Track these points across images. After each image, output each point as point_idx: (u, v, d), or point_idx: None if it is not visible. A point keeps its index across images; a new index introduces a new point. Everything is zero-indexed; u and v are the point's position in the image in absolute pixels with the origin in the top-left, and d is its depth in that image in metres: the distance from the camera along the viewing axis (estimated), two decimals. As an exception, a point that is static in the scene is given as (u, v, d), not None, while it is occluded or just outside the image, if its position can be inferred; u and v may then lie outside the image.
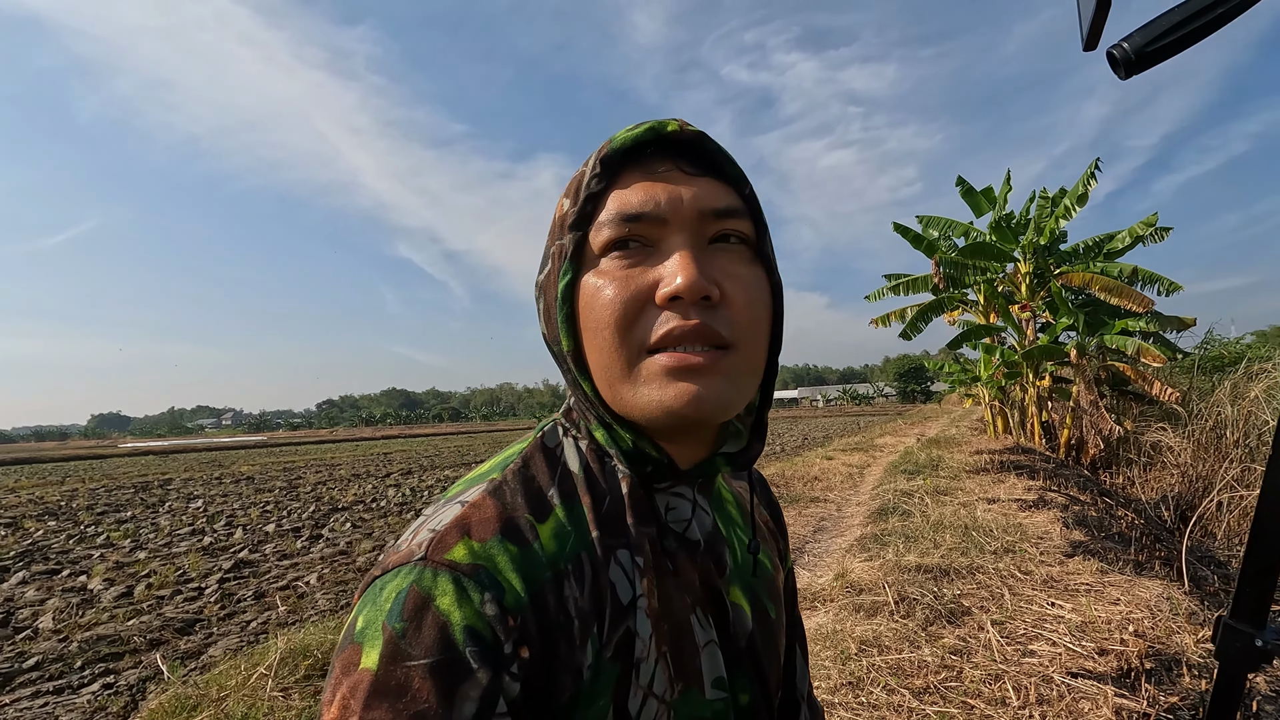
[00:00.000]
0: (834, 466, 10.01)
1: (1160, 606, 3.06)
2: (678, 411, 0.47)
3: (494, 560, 0.44)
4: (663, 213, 0.48)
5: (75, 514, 11.15)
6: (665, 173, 0.50)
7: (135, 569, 6.74)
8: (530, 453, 0.54)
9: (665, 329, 0.47)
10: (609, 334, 0.48)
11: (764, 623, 0.62)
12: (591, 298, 0.49)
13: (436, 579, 0.42)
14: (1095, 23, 0.51)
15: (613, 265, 0.49)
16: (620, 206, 0.49)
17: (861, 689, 2.43)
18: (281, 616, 4.98)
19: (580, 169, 0.53)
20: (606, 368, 0.49)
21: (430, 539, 0.45)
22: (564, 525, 0.49)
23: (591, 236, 0.50)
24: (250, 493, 13.49)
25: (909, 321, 12.06)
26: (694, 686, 0.51)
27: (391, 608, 0.41)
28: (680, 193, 0.49)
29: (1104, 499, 6.88)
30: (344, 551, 7.24)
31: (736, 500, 0.69)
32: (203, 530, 9.03)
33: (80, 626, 4.94)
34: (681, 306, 0.47)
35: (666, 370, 0.47)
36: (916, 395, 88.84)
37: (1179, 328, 10.54)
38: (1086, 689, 2.34)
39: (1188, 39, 0.50)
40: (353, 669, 0.40)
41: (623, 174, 0.50)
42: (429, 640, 0.40)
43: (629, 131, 0.50)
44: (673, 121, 0.50)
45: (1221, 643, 0.61)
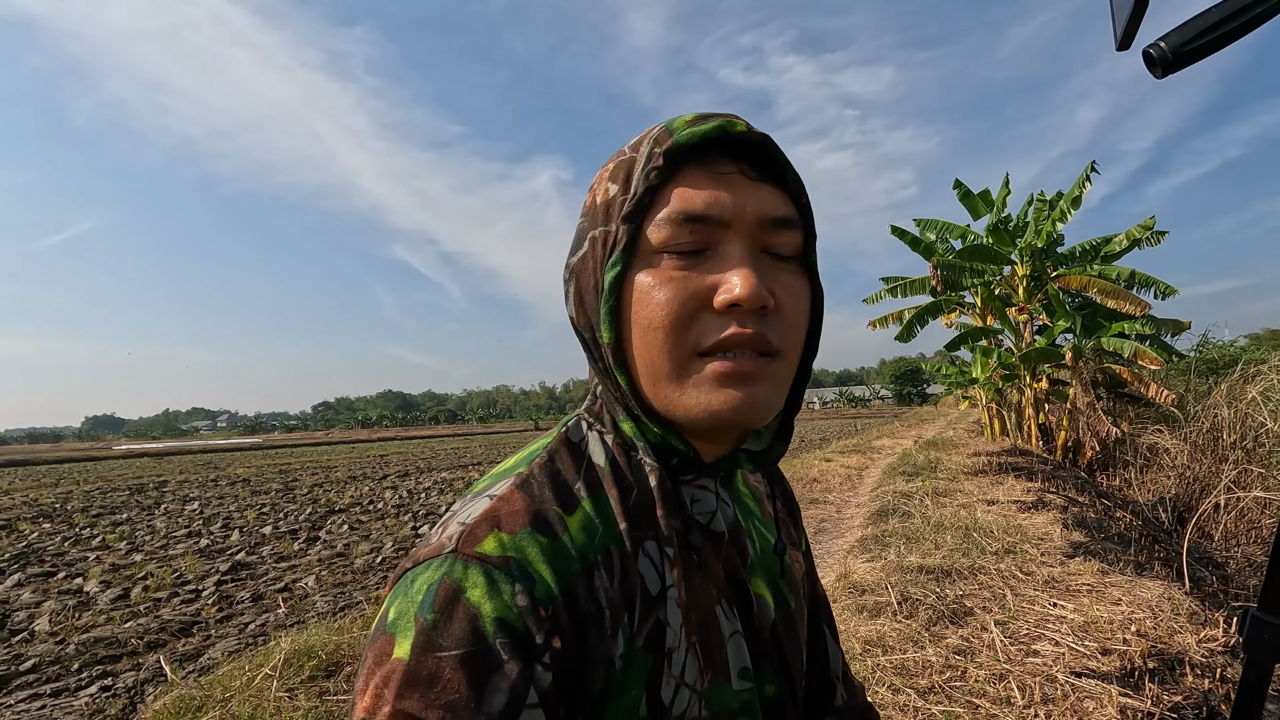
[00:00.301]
0: (832, 468, 10.02)
1: (1162, 607, 3.07)
2: (724, 416, 0.48)
3: (524, 552, 0.44)
4: (726, 217, 0.48)
5: (70, 516, 11.09)
6: (729, 175, 0.49)
7: (131, 571, 6.71)
8: (555, 447, 0.54)
9: (722, 335, 0.47)
10: (662, 334, 0.48)
11: (786, 614, 0.62)
12: (645, 295, 0.48)
13: (467, 571, 0.42)
14: (1131, 22, 0.51)
15: (670, 264, 0.48)
16: (684, 205, 0.48)
17: (867, 689, 2.43)
18: (281, 618, 4.96)
19: (626, 152, 0.52)
20: (653, 366, 0.49)
21: (460, 532, 0.45)
22: (592, 517, 0.49)
23: (648, 230, 0.49)
24: (246, 495, 13.44)
25: (906, 324, 12.11)
26: (721, 677, 0.52)
27: (423, 599, 0.41)
28: (744, 198, 0.49)
29: (1102, 500, 6.90)
30: (341, 554, 7.22)
31: (754, 494, 0.70)
32: (199, 532, 8.99)
33: (77, 629, 4.91)
34: (739, 314, 0.47)
35: (718, 375, 0.47)
36: (913, 397, 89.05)
37: (1175, 330, 10.60)
38: (1091, 688, 2.35)
39: (1225, 38, 0.51)
40: (385, 659, 0.40)
41: (683, 168, 0.49)
42: (460, 632, 0.40)
43: (695, 126, 0.49)
44: (740, 121, 0.49)
45: (1249, 635, 0.61)
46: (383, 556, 6.93)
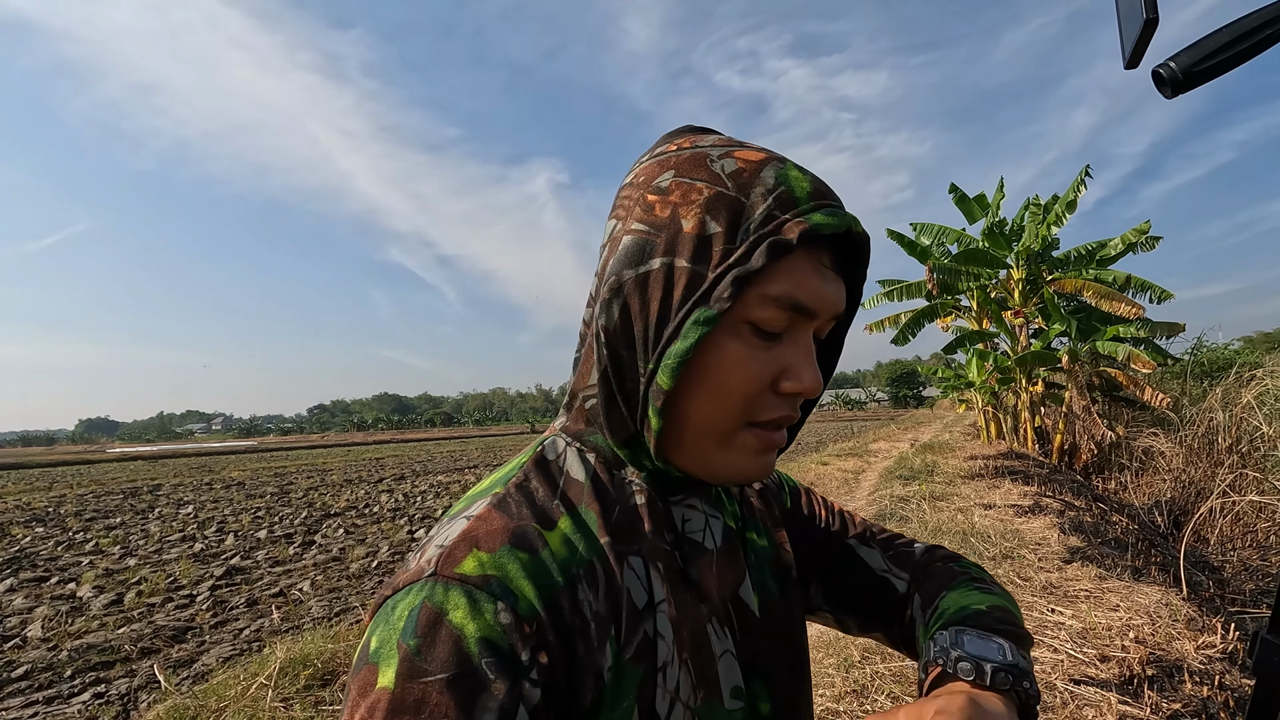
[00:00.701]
0: (829, 472, 10.02)
1: (1160, 613, 3.07)
2: (751, 479, 0.52)
3: (505, 569, 0.44)
4: (820, 310, 0.49)
5: (63, 520, 11.03)
6: (828, 269, 0.50)
7: (125, 576, 6.68)
8: (530, 467, 0.53)
9: (776, 414, 0.50)
10: (732, 404, 0.49)
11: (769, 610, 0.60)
12: (729, 364, 0.48)
13: (448, 593, 0.42)
14: (1140, 42, 0.51)
15: (757, 341, 0.49)
16: (794, 292, 0.47)
17: (866, 696, 2.42)
18: (276, 624, 4.93)
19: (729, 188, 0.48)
20: (708, 426, 0.50)
21: (439, 554, 0.45)
22: (571, 533, 0.49)
23: (750, 298, 0.47)
24: (241, 498, 13.39)
25: (902, 327, 12.13)
26: (714, 697, 0.52)
27: (405, 625, 0.41)
28: (831, 294, 0.50)
29: (1098, 504, 6.92)
30: (337, 558, 7.20)
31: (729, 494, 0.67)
32: (193, 536, 8.95)
33: (70, 634, 4.89)
34: (794, 401, 0.51)
35: (761, 446, 0.51)
36: (909, 400, 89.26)
37: (1169, 333, 10.64)
38: (1090, 696, 2.34)
39: (1235, 60, 0.50)
40: (370, 689, 0.40)
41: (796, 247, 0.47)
42: (444, 655, 0.40)
43: (827, 216, 0.47)
44: (856, 221, 0.50)
45: (1259, 658, 0.60)
46: (378, 561, 6.91)
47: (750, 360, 0.48)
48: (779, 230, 0.46)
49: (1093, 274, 10.42)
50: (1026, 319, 11.30)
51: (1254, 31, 0.50)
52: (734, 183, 0.48)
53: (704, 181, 0.48)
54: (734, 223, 0.47)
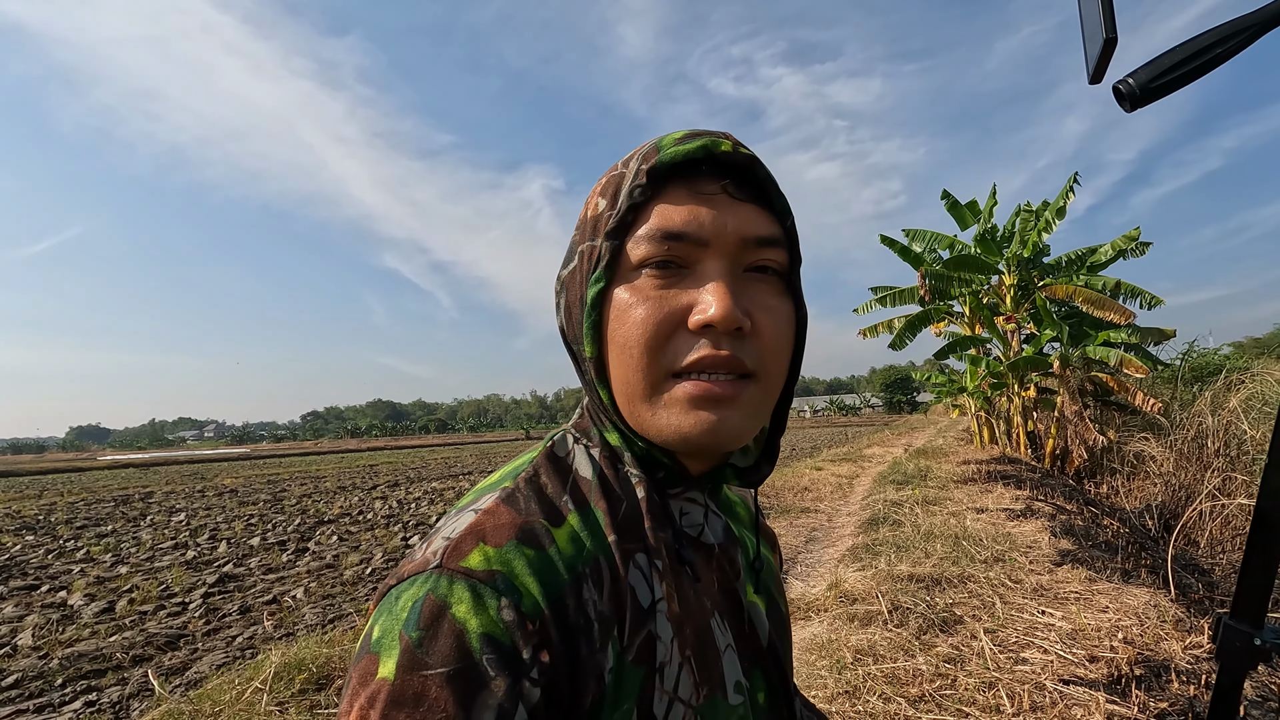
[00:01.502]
0: (823, 477, 10.05)
1: (1148, 614, 3.10)
2: (694, 439, 0.48)
3: (510, 565, 0.44)
4: (705, 235, 0.48)
5: (54, 528, 10.94)
6: (712, 194, 0.49)
7: (117, 584, 6.63)
8: (541, 461, 0.54)
9: (695, 356, 0.47)
10: (637, 353, 0.48)
11: (778, 619, 0.63)
12: (623, 312, 0.49)
13: (452, 586, 0.42)
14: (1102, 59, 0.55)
15: (648, 283, 0.48)
16: (663, 223, 0.48)
17: (858, 698, 2.44)
18: (269, 631, 4.91)
19: (617, 168, 0.53)
20: (629, 384, 0.49)
21: (445, 547, 0.45)
22: (579, 530, 0.49)
23: (629, 247, 0.49)
24: (234, 506, 13.31)
25: (897, 333, 12.20)
26: (718, 692, 0.51)
27: (408, 617, 0.41)
28: (725, 218, 0.48)
29: (1089, 508, 6.96)
30: (330, 565, 7.16)
31: (742, 501, 0.71)
32: (186, 544, 8.89)
33: (61, 643, 4.85)
34: (714, 335, 0.47)
35: (691, 398, 0.47)
36: (903, 406, 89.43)
37: (1159, 339, 10.73)
38: (1079, 695, 2.37)
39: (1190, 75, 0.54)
40: (370, 679, 0.40)
41: (668, 186, 0.49)
42: (445, 649, 0.40)
43: (680, 145, 0.49)
44: (726, 141, 0.49)
45: (1222, 642, 0.63)
46: (372, 568, 6.88)
47: (642, 302, 0.48)
48: (636, 179, 0.49)
49: (1083, 280, 10.51)
50: (1018, 324, 11.39)
51: (1206, 50, 0.53)
52: (622, 164, 0.52)
53: (605, 175, 0.53)
54: (616, 192, 0.51)
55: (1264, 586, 0.61)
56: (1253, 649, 0.60)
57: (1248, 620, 0.62)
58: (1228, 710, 0.64)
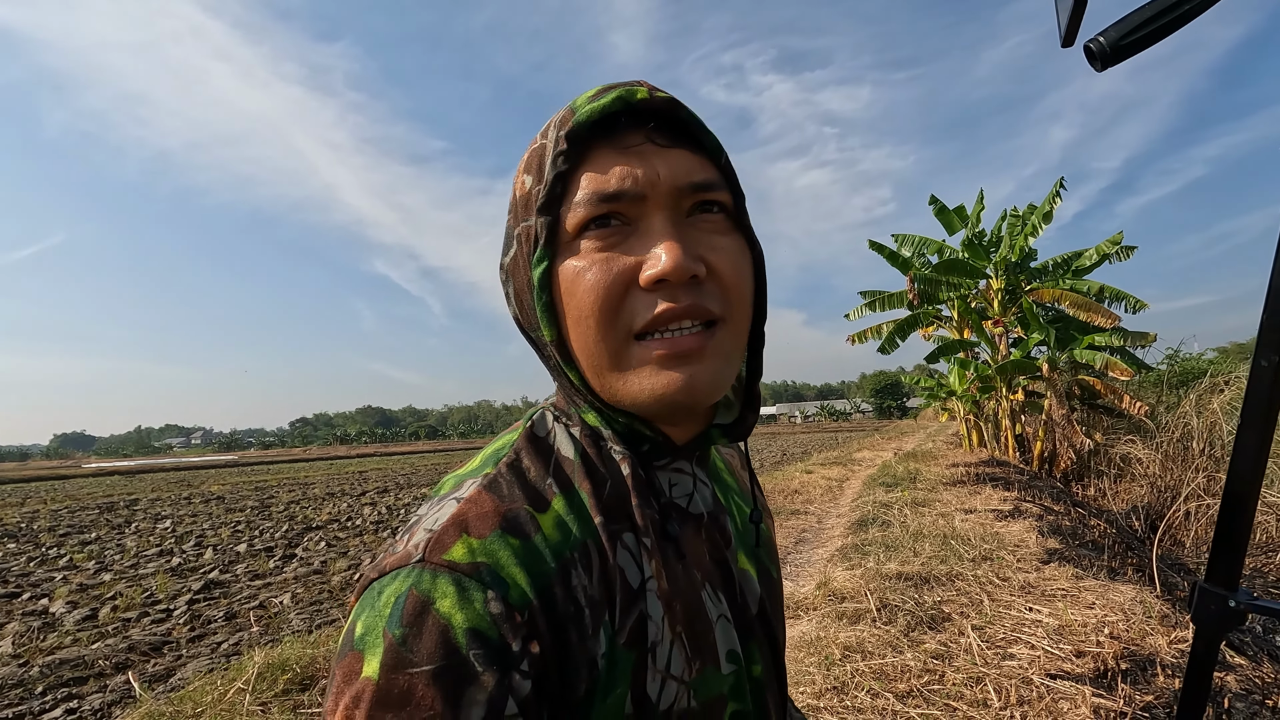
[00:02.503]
0: (814, 480, 10.07)
1: (1134, 610, 3.12)
2: (672, 399, 0.46)
3: (496, 556, 0.42)
4: (641, 189, 0.46)
5: (36, 536, 10.78)
6: (638, 146, 0.47)
7: (100, 591, 6.54)
8: (521, 444, 0.52)
9: (654, 313, 0.45)
10: (593, 322, 0.46)
11: (769, 585, 0.62)
12: (572, 284, 0.47)
13: (436, 581, 0.41)
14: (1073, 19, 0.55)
15: (591, 247, 0.46)
16: (596, 186, 0.46)
17: (847, 693, 2.44)
18: (255, 637, 4.86)
19: (538, 140, 0.50)
20: (593, 357, 0.47)
21: (427, 539, 0.43)
22: (565, 514, 0.47)
23: (565, 218, 0.47)
24: (221, 512, 13.17)
25: (886, 337, 12.28)
26: (710, 663, 0.50)
27: (391, 613, 0.40)
28: (656, 168, 0.46)
29: (1077, 509, 7.01)
30: (318, 571, 7.10)
31: (729, 466, 0.69)
32: (171, 551, 8.79)
33: (42, 650, 4.77)
34: (668, 289, 0.45)
35: (659, 358, 0.46)
36: (893, 410, 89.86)
37: (1143, 343, 10.85)
38: (1065, 690, 2.38)
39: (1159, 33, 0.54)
40: (354, 678, 0.38)
41: (592, 147, 0.47)
42: (431, 645, 0.38)
43: (595, 101, 0.47)
44: (641, 88, 0.47)
45: (1197, 607, 0.64)
46: (360, 573, 6.83)
47: (589, 268, 0.46)
48: (558, 145, 0.47)
49: (1069, 284, 10.62)
50: (1006, 328, 11.48)
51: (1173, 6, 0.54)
52: (541, 136, 0.50)
53: (527, 152, 0.51)
54: (540, 165, 0.49)
55: (1237, 551, 0.61)
56: (1228, 611, 0.61)
57: (1221, 583, 0.62)
58: (1203, 677, 0.64)
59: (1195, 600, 0.64)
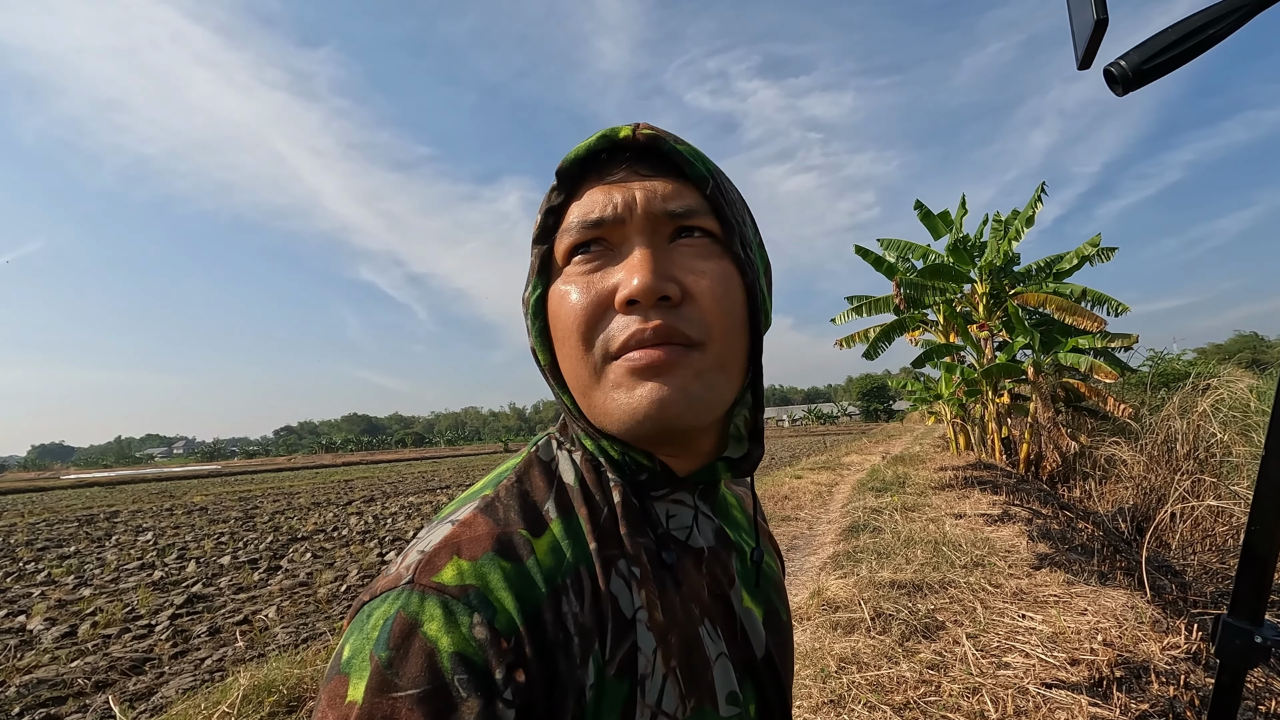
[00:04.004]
0: (803, 485, 10.08)
1: (1126, 616, 3.13)
2: (647, 414, 0.45)
3: (485, 580, 0.42)
4: (620, 215, 0.48)
5: (13, 550, 10.56)
6: (621, 179, 0.49)
7: (79, 607, 6.41)
8: (524, 468, 0.52)
9: (625, 334, 0.46)
10: (575, 340, 0.48)
11: (777, 627, 0.61)
12: (558, 306, 0.49)
13: (424, 603, 0.40)
14: (1092, 43, 0.54)
15: (575, 271, 0.49)
16: (582, 214, 0.49)
17: (843, 707, 2.42)
18: (240, 652, 4.77)
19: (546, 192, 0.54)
20: (576, 376, 0.49)
21: (419, 561, 0.43)
22: (561, 539, 0.47)
23: (556, 248, 0.51)
24: (204, 524, 12.98)
25: (871, 342, 12.35)
26: (707, 703, 0.49)
27: (378, 635, 0.40)
28: (635, 193, 0.48)
29: (1064, 512, 7.06)
30: (304, 583, 7.00)
31: (740, 504, 0.68)
32: (153, 564, 8.64)
33: (19, 669, 4.66)
34: (641, 310, 0.46)
35: (630, 372, 0.46)
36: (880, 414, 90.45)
37: (1126, 345, 10.98)
38: (1061, 699, 2.37)
39: (1181, 57, 0.53)
40: (339, 701, 0.38)
41: (582, 185, 0.50)
42: (416, 669, 0.38)
43: (583, 142, 0.50)
44: (625, 128, 0.49)
45: (1222, 640, 0.62)
46: (347, 585, 6.74)
47: (571, 290, 0.49)
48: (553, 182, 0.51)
49: (1052, 287, 10.74)
50: (991, 332, 11.58)
51: (1199, 30, 0.53)
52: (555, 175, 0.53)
53: None
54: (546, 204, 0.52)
55: (1262, 583, 0.60)
56: (1253, 646, 0.59)
57: (1246, 617, 0.61)
58: (1228, 708, 0.63)
59: (1219, 635, 0.62)
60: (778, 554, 0.70)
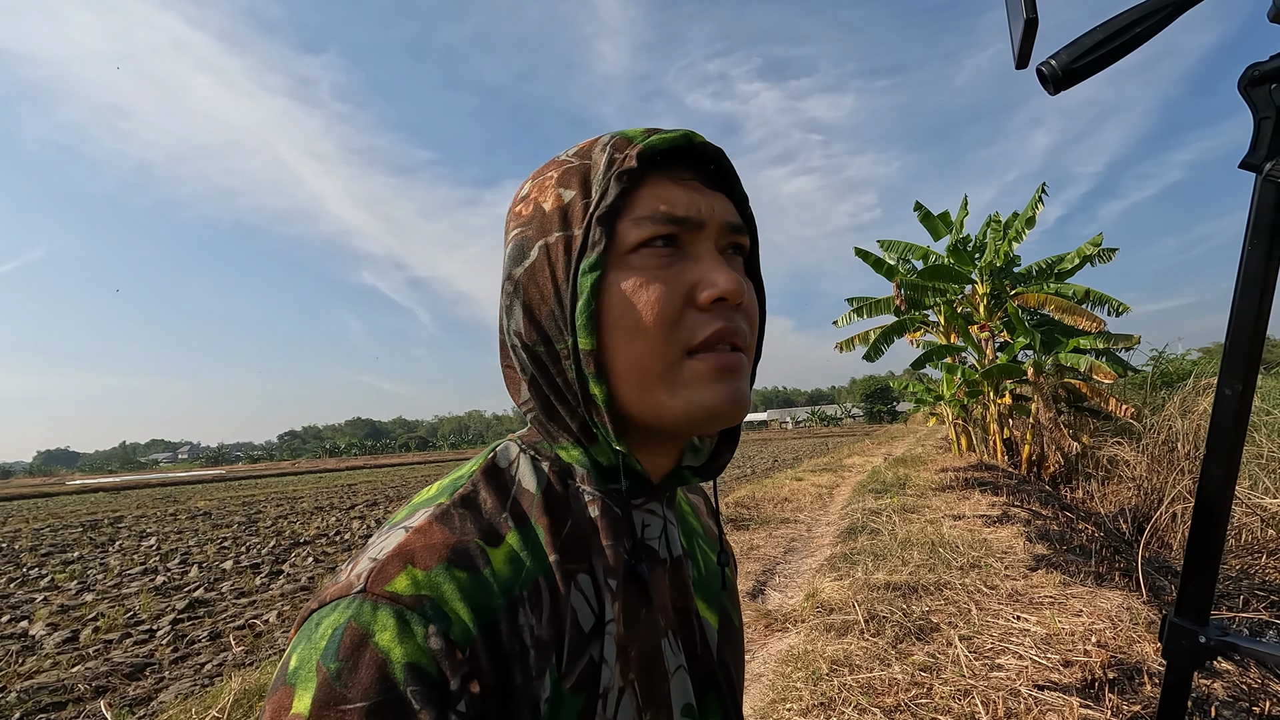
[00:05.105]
0: (803, 487, 10.07)
1: (1121, 617, 3.13)
2: (722, 413, 0.48)
3: (440, 589, 0.42)
4: (702, 219, 0.50)
5: (17, 555, 10.60)
6: (690, 181, 0.51)
7: (81, 612, 6.43)
8: (480, 476, 0.51)
9: (711, 330, 0.48)
10: (654, 332, 0.47)
11: (730, 634, 0.61)
12: (631, 296, 0.47)
13: (376, 613, 0.40)
14: (1025, 43, 0.55)
15: (650, 264, 0.48)
16: (665, 208, 0.49)
17: (834, 709, 2.42)
18: (238, 657, 4.78)
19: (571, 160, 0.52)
20: (643, 370, 0.47)
21: (370, 569, 0.42)
22: (519, 549, 0.46)
23: (621, 232, 0.48)
24: (207, 529, 13.01)
25: (872, 344, 12.33)
26: (663, 715, 0.49)
27: (327, 646, 0.39)
28: (712, 203, 0.51)
29: (1065, 513, 7.04)
30: (305, 587, 7.02)
31: (694, 510, 0.68)
32: (155, 569, 8.66)
33: (20, 675, 4.68)
34: (724, 310, 0.49)
35: (713, 370, 0.48)
36: (883, 415, 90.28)
37: (1128, 345, 10.95)
38: (1053, 701, 2.37)
39: (1109, 56, 0.54)
40: (284, 714, 0.38)
41: (648, 174, 0.50)
42: (366, 681, 0.37)
43: (661, 135, 0.50)
44: (698, 134, 0.51)
45: (1168, 641, 0.63)
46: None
47: (650, 283, 0.47)
48: (622, 164, 0.49)
49: (1053, 288, 10.71)
50: (992, 333, 11.56)
51: (1127, 29, 0.53)
52: (577, 156, 0.52)
53: (553, 169, 0.52)
54: (585, 181, 0.50)
55: (1206, 583, 0.60)
56: (1198, 646, 0.60)
57: (1191, 618, 0.61)
58: (1176, 708, 0.63)
59: (1165, 634, 0.63)
60: (732, 557, 0.71)
